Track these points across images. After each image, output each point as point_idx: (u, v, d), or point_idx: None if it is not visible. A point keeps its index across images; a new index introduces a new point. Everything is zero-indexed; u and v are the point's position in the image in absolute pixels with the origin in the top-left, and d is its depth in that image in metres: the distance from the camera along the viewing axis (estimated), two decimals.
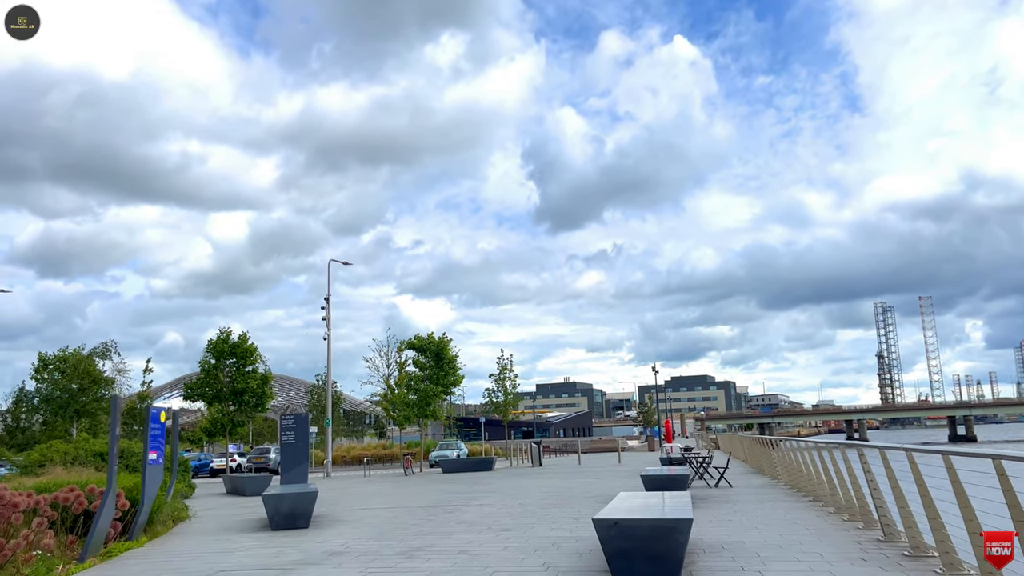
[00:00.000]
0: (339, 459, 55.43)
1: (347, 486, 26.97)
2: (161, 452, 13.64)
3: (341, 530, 12.86)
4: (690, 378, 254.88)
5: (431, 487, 23.95)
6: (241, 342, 40.22)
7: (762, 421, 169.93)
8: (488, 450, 49.87)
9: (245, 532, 13.30)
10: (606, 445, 62.79)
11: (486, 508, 15.79)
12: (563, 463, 40.56)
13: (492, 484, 23.87)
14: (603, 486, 20.92)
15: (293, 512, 13.22)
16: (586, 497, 17.44)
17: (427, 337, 39.19)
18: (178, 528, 14.53)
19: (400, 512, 15.61)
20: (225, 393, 39.91)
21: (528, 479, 25.91)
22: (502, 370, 48.04)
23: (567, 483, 22.81)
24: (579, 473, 28.55)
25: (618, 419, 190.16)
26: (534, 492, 19.73)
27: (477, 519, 13.72)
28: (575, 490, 19.83)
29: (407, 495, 20.80)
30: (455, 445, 48.14)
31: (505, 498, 18.18)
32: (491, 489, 21.47)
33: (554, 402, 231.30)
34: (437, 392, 38.05)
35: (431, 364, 38.91)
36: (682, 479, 14.89)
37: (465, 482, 25.78)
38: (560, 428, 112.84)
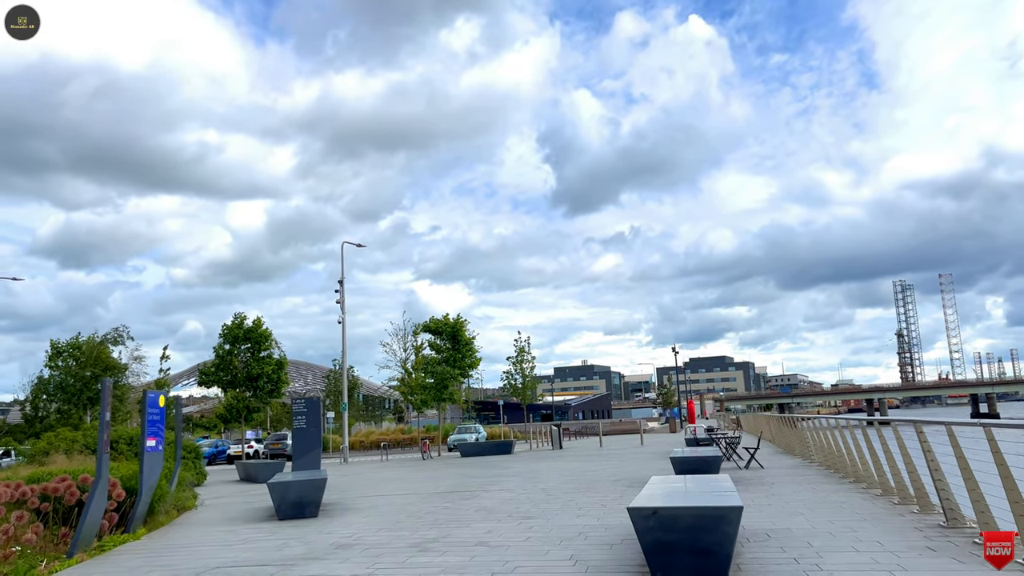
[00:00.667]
0: (357, 444, 54.97)
1: (363, 471, 26.28)
2: (161, 438, 12.88)
3: (351, 519, 12.06)
4: (708, 359, 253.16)
5: (449, 471, 23.18)
6: (256, 327, 39.58)
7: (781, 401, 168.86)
8: (507, 433, 49.11)
9: (251, 522, 12.54)
10: (627, 427, 61.92)
11: (506, 494, 14.96)
12: (584, 446, 39.72)
13: (512, 468, 23.06)
14: (628, 469, 20.04)
15: (301, 501, 12.44)
16: (612, 481, 16.56)
17: (443, 319, 38.37)
18: (183, 518, 13.80)
19: (415, 499, 14.81)
20: (240, 379, 39.36)
21: (549, 462, 25.08)
22: (520, 352, 47.17)
23: (590, 466, 21.95)
24: (601, 455, 27.69)
25: (637, 401, 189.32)
26: (556, 476, 18.88)
27: (496, 506, 12.88)
28: (599, 473, 18.96)
29: (423, 480, 20.02)
30: (474, 429, 47.44)
31: (526, 483, 17.34)
32: (511, 473, 20.65)
33: (572, 385, 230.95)
34: (454, 375, 37.26)
35: (447, 346, 38.12)
36: (714, 461, 13.95)
37: (484, 466, 25.00)
38: (579, 411, 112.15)
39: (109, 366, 38.21)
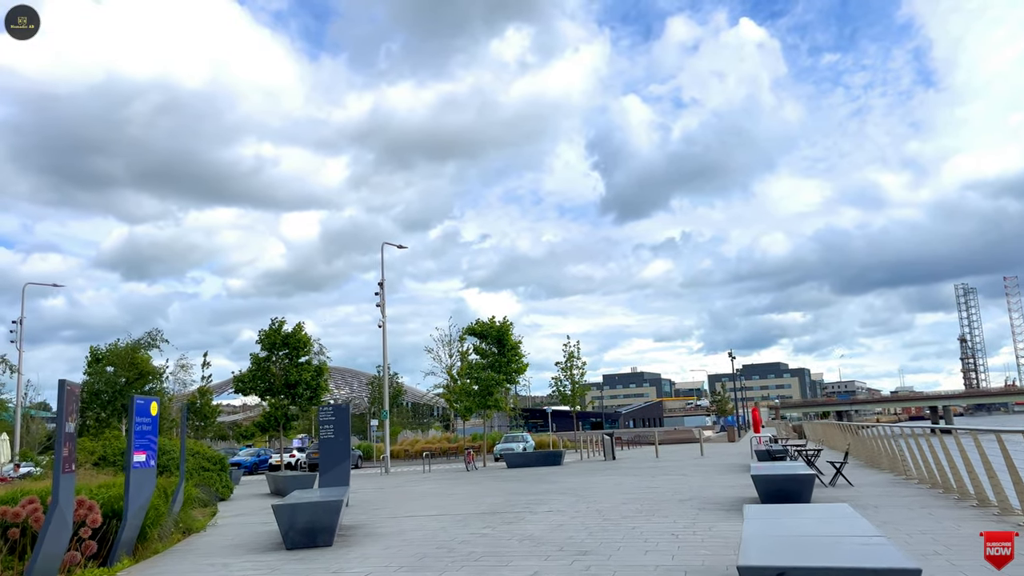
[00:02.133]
0: (402, 453, 53.29)
1: (400, 484, 24.36)
2: (152, 452, 11.05)
3: (369, 551, 10.03)
4: (762, 366, 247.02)
5: (492, 486, 21.09)
6: (295, 333, 38.11)
7: (839, 408, 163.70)
8: (556, 442, 46.90)
9: (255, 552, 10.61)
10: (682, 436, 59.11)
11: (555, 516, 12.80)
12: (638, 456, 37.27)
13: (562, 482, 20.87)
14: (695, 486, 17.69)
15: (312, 527, 10.47)
16: (679, 501, 14.27)
17: (488, 322, 36.38)
18: (183, 544, 11.95)
19: (450, 522, 12.74)
20: (278, 386, 37.90)
21: (603, 476, 22.81)
22: (569, 358, 44.69)
23: (650, 482, 19.63)
24: (660, 468, 25.30)
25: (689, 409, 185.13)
26: (613, 494, 16.64)
27: (544, 534, 10.73)
28: (662, 491, 16.66)
29: (463, 497, 17.96)
30: (521, 437, 45.31)
31: (578, 502, 15.15)
32: (561, 489, 18.47)
33: (621, 392, 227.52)
34: (499, 380, 35.19)
35: (493, 351, 36.09)
36: (806, 480, 11.57)
37: (531, 479, 22.85)
38: (630, 418, 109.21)
39: (144, 372, 37.04)
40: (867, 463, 22.01)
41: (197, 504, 18.49)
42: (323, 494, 11.96)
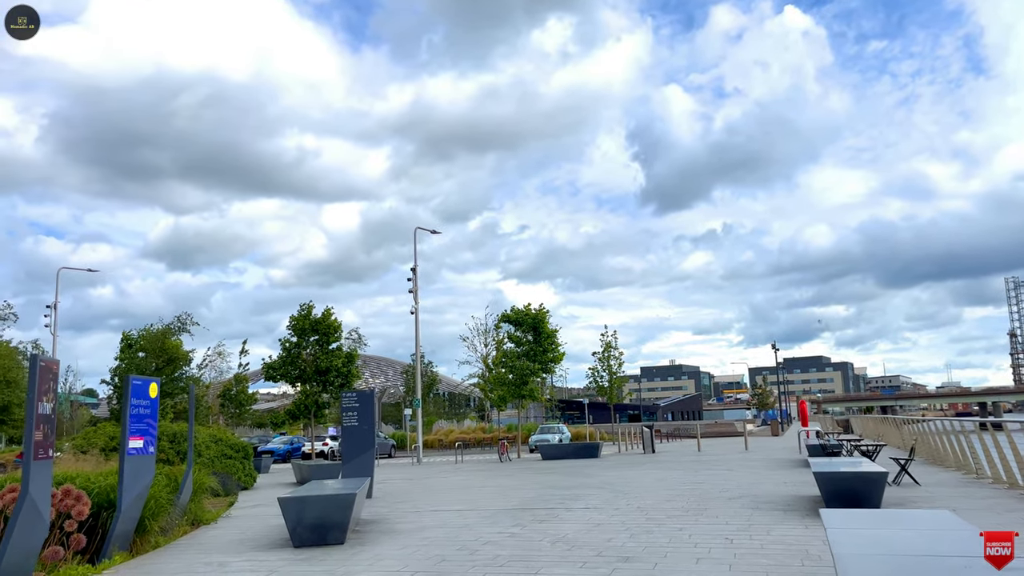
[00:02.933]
0: (436, 443, 52.53)
1: (430, 475, 23.39)
2: (151, 438, 10.11)
3: (383, 552, 8.97)
4: (804, 359, 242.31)
5: (525, 478, 19.98)
6: (324, 318, 37.39)
7: (884, 403, 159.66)
8: (592, 434, 45.64)
9: (259, 549, 9.62)
10: (723, 429, 57.42)
11: (592, 514, 11.63)
12: (678, 449, 35.88)
13: (599, 475, 19.68)
14: (743, 482, 16.37)
15: (322, 523, 9.44)
16: (728, 500, 13.00)
17: (524, 309, 35.22)
18: (188, 538, 11.03)
19: (476, 518, 11.64)
20: (309, 373, 37.24)
21: (642, 469, 21.56)
22: (606, 348, 43.45)
23: (694, 477, 18.34)
24: (703, 463, 23.96)
25: (729, 402, 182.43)
26: (655, 489, 15.41)
27: (579, 535, 9.57)
28: (709, 487, 15.38)
29: (493, 490, 16.88)
30: (557, 428, 44.14)
31: (617, 497, 13.96)
32: (598, 483, 17.28)
33: (659, 385, 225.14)
34: (535, 370, 34.04)
35: (528, 339, 34.95)
36: (878, 479, 10.22)
37: (566, 472, 21.70)
38: (668, 411, 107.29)
39: (173, 356, 36.61)
40: (929, 460, 20.44)
41: (212, 494, 17.69)
42: (337, 487, 10.94)
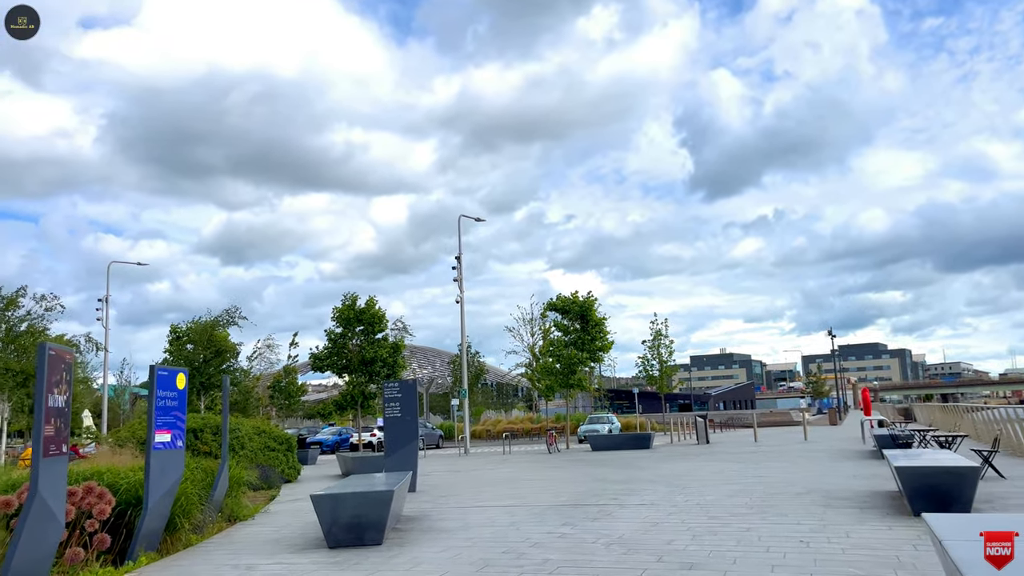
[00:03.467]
0: (483, 433, 52.10)
1: (477, 467, 22.76)
2: (179, 431, 9.58)
3: (423, 553, 8.29)
4: (859, 346, 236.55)
5: (575, 472, 19.21)
6: (368, 308, 37.10)
7: (944, 391, 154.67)
8: (643, 424, 44.62)
9: (291, 550, 9.02)
10: (779, 418, 55.86)
11: (649, 511, 10.80)
12: (733, 440, 34.69)
13: (653, 468, 18.80)
14: (808, 475, 15.34)
15: (358, 522, 8.80)
16: (796, 495, 12.04)
17: (571, 296, 34.36)
18: (221, 536, 10.51)
19: (524, 516, 10.90)
20: (354, 363, 36.99)
21: (698, 461, 20.60)
22: (656, 336, 42.33)
23: (755, 469, 17.34)
24: (762, 454, 22.88)
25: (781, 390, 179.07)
26: (714, 483, 14.49)
27: (637, 535, 8.76)
28: (772, 481, 14.40)
29: (542, 484, 16.14)
30: (606, 419, 43.23)
31: (674, 493, 13.09)
32: (653, 476, 16.41)
33: (710, 374, 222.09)
34: (583, 359, 33.18)
35: (576, 327, 34.09)
36: (969, 475, 9.18)
37: (618, 464, 20.86)
38: (720, 400, 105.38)
39: (221, 348, 36.63)
40: (1011, 452, 19.07)
41: (254, 487, 17.31)
42: (376, 482, 10.30)
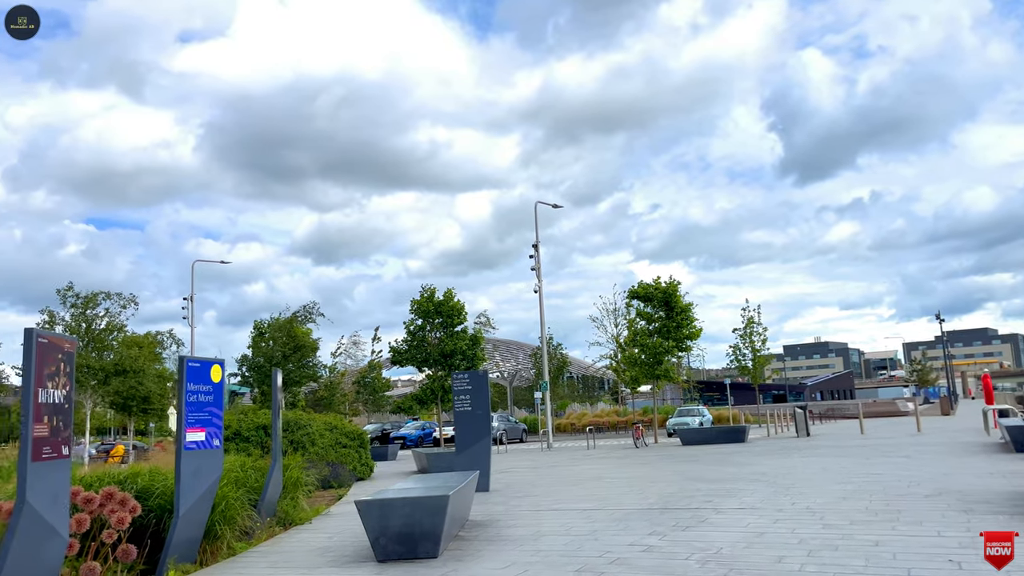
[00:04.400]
0: (568, 427, 50.75)
1: (559, 463, 21.47)
2: (216, 429, 8.64)
3: (483, 569, 7.05)
4: (966, 332, 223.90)
5: (664, 468, 17.70)
6: (446, 299, 36.27)
7: None
8: (736, 416, 42.45)
9: (339, 563, 7.94)
10: (884, 408, 52.44)
11: (750, 517, 9.28)
12: (836, 432, 32.35)
13: (750, 465, 17.11)
14: (932, 472, 13.42)
15: (410, 532, 7.65)
16: (923, 497, 10.26)
17: (654, 283, 32.61)
18: (269, 544, 9.55)
19: (605, 522, 9.55)
20: (434, 356, 36.24)
21: (801, 457, 18.76)
22: (748, 324, 39.96)
23: (867, 466, 15.45)
24: (872, 448, 20.79)
25: (882, 380, 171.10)
26: (822, 483, 12.78)
27: (738, 551, 7.30)
28: (890, 480, 12.58)
29: (627, 483, 14.72)
30: (697, 411, 41.21)
31: (777, 493, 11.48)
32: (751, 474, 14.77)
33: (804, 364, 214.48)
34: (668, 348, 31.41)
35: (660, 315, 32.34)
36: None
37: (711, 460, 19.22)
38: (816, 390, 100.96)
39: (300, 344, 36.48)
40: None
41: (324, 486, 16.54)
42: (431, 485, 9.14)
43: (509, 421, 45.42)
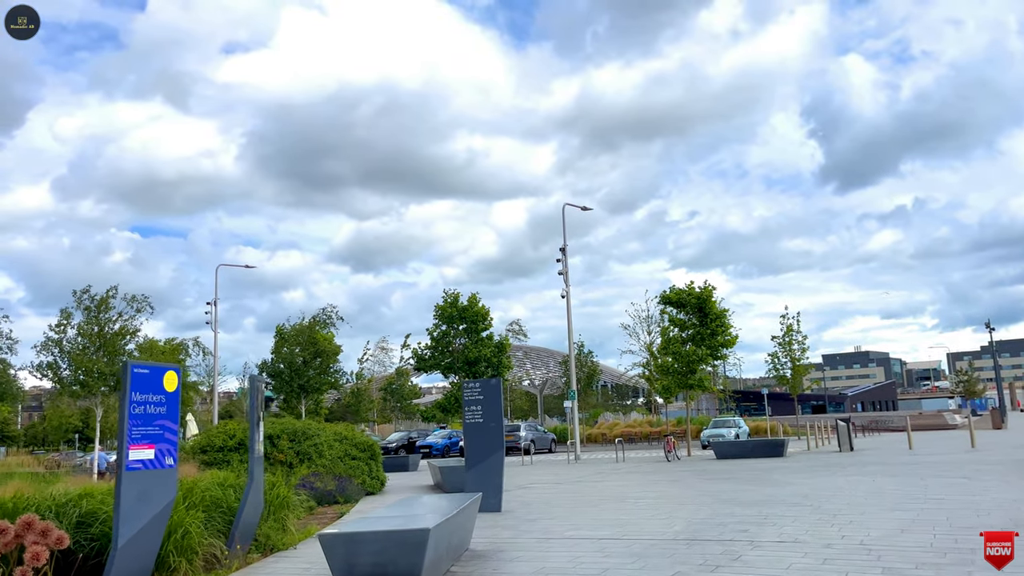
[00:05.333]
0: (599, 437, 49.23)
1: (583, 477, 20.12)
2: (169, 445, 7.49)
3: None
4: (1013, 342, 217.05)
5: (695, 487, 16.27)
6: (471, 305, 35.17)
7: None
8: (774, 428, 40.63)
9: None
10: (931, 421, 50.06)
11: (792, 555, 7.89)
12: (882, 446, 30.50)
13: (791, 484, 15.61)
14: (1005, 497, 11.84)
15: (382, 572, 6.41)
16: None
17: (686, 288, 31.13)
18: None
19: (620, 556, 8.22)
20: (458, 363, 35.13)
21: (847, 476, 17.19)
22: (787, 331, 38.16)
23: (926, 489, 13.87)
24: (924, 466, 19.11)
25: (925, 390, 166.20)
26: (874, 508, 11.29)
27: None
28: (955, 506, 11.03)
29: (653, 505, 13.35)
30: (733, 422, 39.45)
31: (823, 522, 10.05)
32: (792, 497, 13.31)
33: (844, 374, 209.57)
34: (703, 355, 29.89)
35: (693, 322, 30.85)
36: None
37: (747, 476, 17.73)
38: (857, 401, 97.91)
39: (321, 350, 35.58)
40: None
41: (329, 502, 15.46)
42: (415, 512, 7.89)
43: (537, 431, 44.04)
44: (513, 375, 79.52)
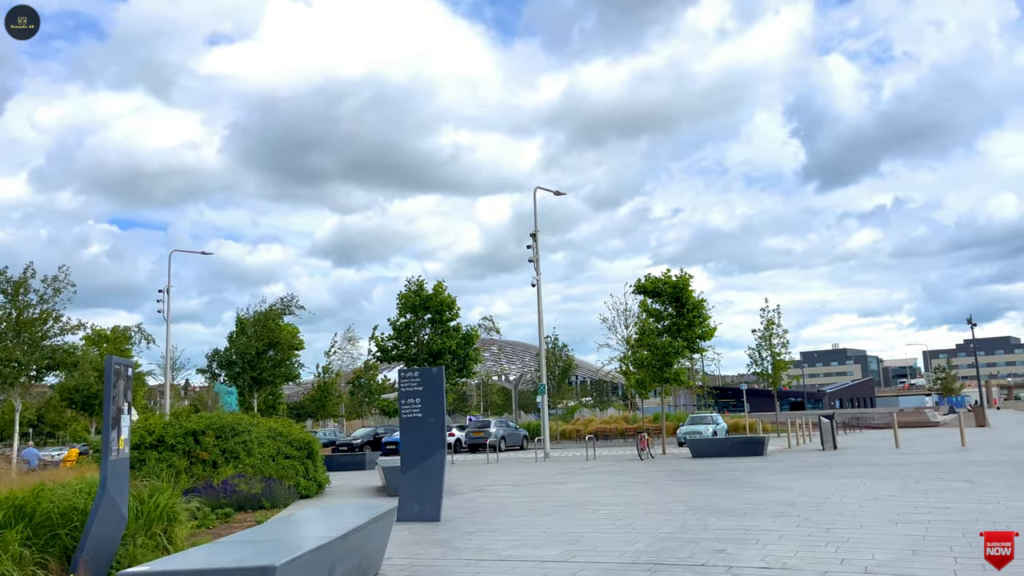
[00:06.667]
0: (573, 433, 47.60)
1: (545, 478, 18.34)
2: None
3: None
4: (989, 340, 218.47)
5: (667, 490, 14.54)
6: (436, 293, 33.25)
7: None
8: (753, 425, 39.12)
9: None
10: (914, 419, 48.82)
11: None
12: (865, 444, 29.02)
13: (774, 487, 13.92)
14: (1017, 505, 10.18)
15: None
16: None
17: (662, 276, 29.44)
18: None
19: None
20: (423, 354, 33.21)
21: (834, 477, 15.54)
22: (768, 325, 36.60)
23: (925, 494, 12.19)
24: (916, 467, 17.53)
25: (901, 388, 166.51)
26: (873, 519, 9.58)
27: None
28: (966, 518, 9.33)
29: (616, 513, 11.58)
30: (710, 419, 37.90)
31: (816, 539, 8.32)
32: (777, 503, 11.59)
33: (821, 371, 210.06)
34: (679, 348, 28.22)
35: (670, 312, 29.17)
36: None
37: (725, 478, 16.04)
38: (835, 398, 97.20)
39: (276, 340, 33.44)
40: None
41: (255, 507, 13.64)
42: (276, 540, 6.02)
43: (509, 427, 42.23)
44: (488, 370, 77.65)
